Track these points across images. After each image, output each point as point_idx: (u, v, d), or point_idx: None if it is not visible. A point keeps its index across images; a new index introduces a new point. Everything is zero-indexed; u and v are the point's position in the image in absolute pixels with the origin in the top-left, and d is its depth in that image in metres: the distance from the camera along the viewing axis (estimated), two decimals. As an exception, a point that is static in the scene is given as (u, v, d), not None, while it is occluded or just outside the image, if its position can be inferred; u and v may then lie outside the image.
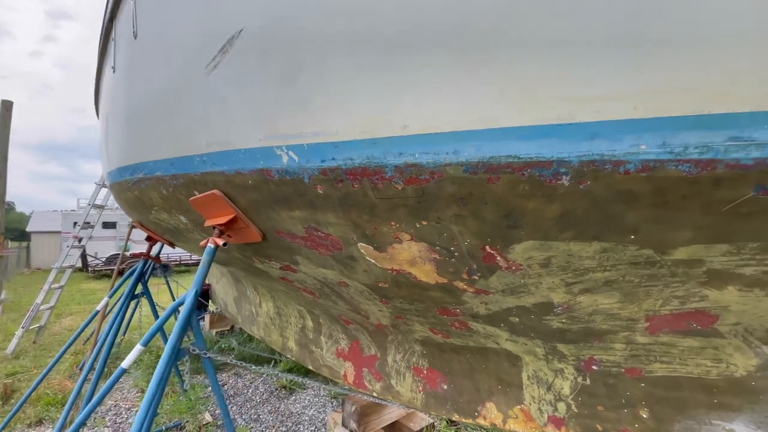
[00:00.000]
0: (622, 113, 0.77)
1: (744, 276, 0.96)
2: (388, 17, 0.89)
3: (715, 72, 0.71)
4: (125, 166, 2.14)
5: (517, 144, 0.89)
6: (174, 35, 1.50)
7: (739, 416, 1.26)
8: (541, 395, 1.70)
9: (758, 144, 0.73)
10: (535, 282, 1.25)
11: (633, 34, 0.74)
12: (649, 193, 0.86)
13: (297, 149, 1.18)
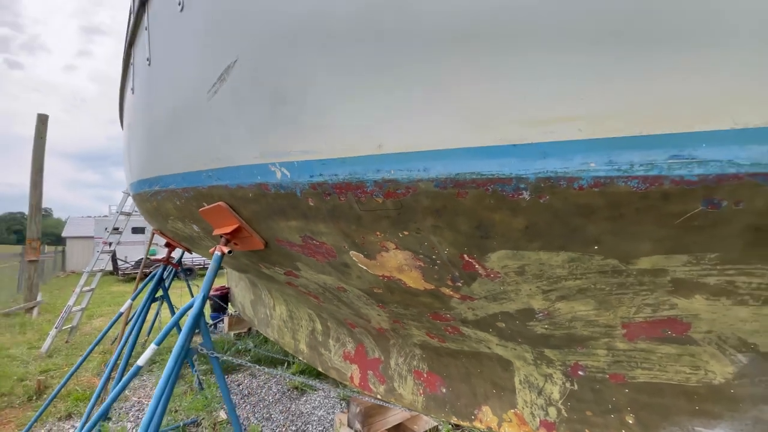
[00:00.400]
0: (569, 135, 0.84)
1: (708, 285, 1.00)
2: (364, 51, 0.99)
3: (651, 97, 0.77)
4: (144, 179, 2.32)
5: (480, 162, 0.96)
6: (180, 64, 1.65)
7: (720, 423, 1.27)
8: (533, 400, 1.74)
9: (700, 161, 0.78)
10: (514, 289, 1.30)
11: (574, 63, 0.80)
12: (605, 207, 0.91)
13: (288, 166, 1.29)
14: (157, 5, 1.85)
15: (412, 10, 0.89)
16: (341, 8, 0.98)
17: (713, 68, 0.72)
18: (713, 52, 0.72)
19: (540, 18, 0.79)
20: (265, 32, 1.17)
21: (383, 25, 0.93)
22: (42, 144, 8.33)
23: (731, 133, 0.73)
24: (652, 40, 0.75)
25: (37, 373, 4.31)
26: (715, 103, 0.74)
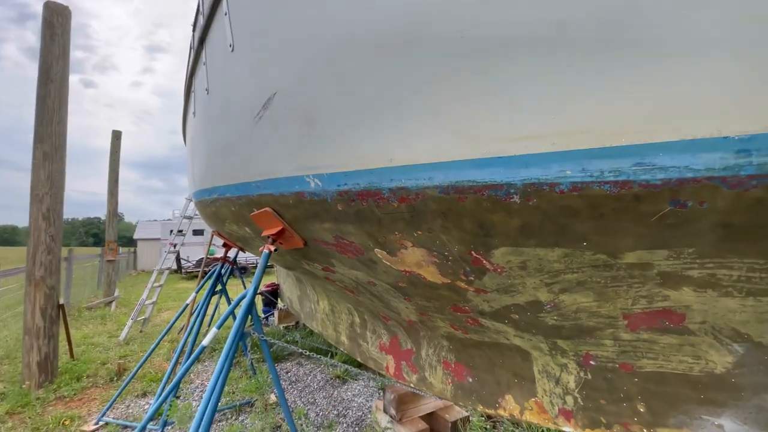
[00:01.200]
0: (544, 148, 0.98)
1: (693, 278, 1.09)
2: (373, 85, 1.19)
3: (614, 113, 0.90)
4: (205, 189, 2.69)
5: (475, 171, 1.13)
6: (232, 94, 1.95)
7: (725, 412, 1.32)
8: (551, 389, 1.84)
9: (660, 167, 0.89)
10: (520, 282, 1.44)
11: (544, 88, 0.95)
12: (586, 208, 1.04)
13: (320, 177, 1.52)
14: (213, 45, 2.19)
15: (411, 56, 1.09)
16: (354, 54, 1.19)
17: (665, 88, 0.84)
18: (664, 74, 0.84)
19: (514, 54, 0.95)
20: (295, 72, 1.41)
21: (386, 67, 1.13)
22: (117, 157, 9.40)
23: (683, 143, 0.85)
24: (611, 67, 0.88)
25: (117, 358, 4.96)
26: (668, 118, 0.85)
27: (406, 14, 1.08)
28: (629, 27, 0.84)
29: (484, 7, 0.97)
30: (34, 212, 4.07)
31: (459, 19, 1.01)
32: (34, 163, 4.09)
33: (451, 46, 1.07)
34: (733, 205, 0.87)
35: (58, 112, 4.21)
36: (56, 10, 4.26)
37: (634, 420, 1.57)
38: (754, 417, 1.28)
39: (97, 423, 3.25)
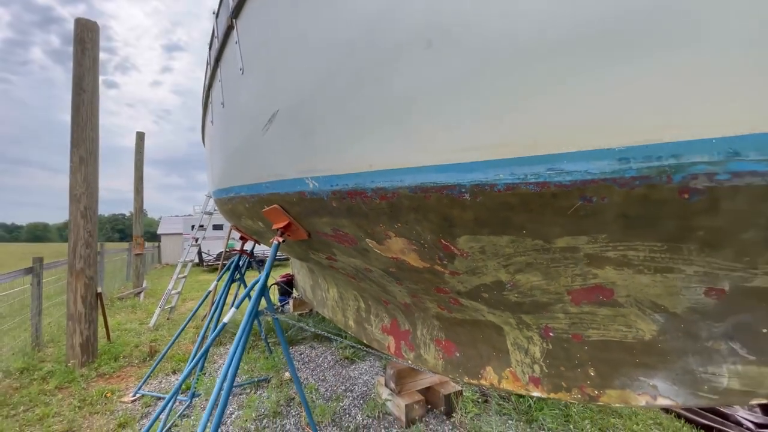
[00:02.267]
0: (483, 157, 1.25)
1: (611, 258, 1.34)
2: (354, 106, 1.48)
3: (529, 130, 1.16)
4: (223, 188, 3.04)
5: (435, 175, 1.40)
6: (244, 109, 2.26)
7: (657, 373, 1.57)
8: (521, 359, 2.12)
9: (568, 172, 1.15)
10: (483, 265, 1.71)
11: (477, 111, 1.22)
12: (519, 203, 1.30)
13: (317, 179, 1.82)
14: (226, 66, 2.51)
15: (381, 87, 1.37)
16: (337, 83, 1.48)
17: (564, 112, 1.10)
18: (562, 101, 1.10)
19: (457, 91, 1.23)
20: (293, 94, 1.71)
21: (363, 94, 1.42)
22: (141, 157, 9.94)
23: (581, 153, 1.10)
24: (525, 97, 1.14)
25: (148, 342, 5.44)
26: (569, 135, 1.11)
27: (374, 57, 1.37)
28: (534, 71, 1.11)
29: (430, 58, 1.25)
30: (73, 210, 4.53)
31: (412, 65, 1.29)
32: (72, 166, 4.54)
33: (410, 86, 1.35)
34: (626, 199, 1.13)
35: (90, 119, 4.63)
36: (86, 26, 4.66)
37: (588, 383, 1.83)
38: (681, 378, 1.52)
39: (134, 395, 3.69)
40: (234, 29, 2.18)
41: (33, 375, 4.09)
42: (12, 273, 4.86)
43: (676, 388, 1.53)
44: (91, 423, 3.17)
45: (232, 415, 3.22)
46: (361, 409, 3.26)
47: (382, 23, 1.31)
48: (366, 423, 3.07)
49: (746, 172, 0.93)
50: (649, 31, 0.94)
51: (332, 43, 1.50)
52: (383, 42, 1.33)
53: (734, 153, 0.92)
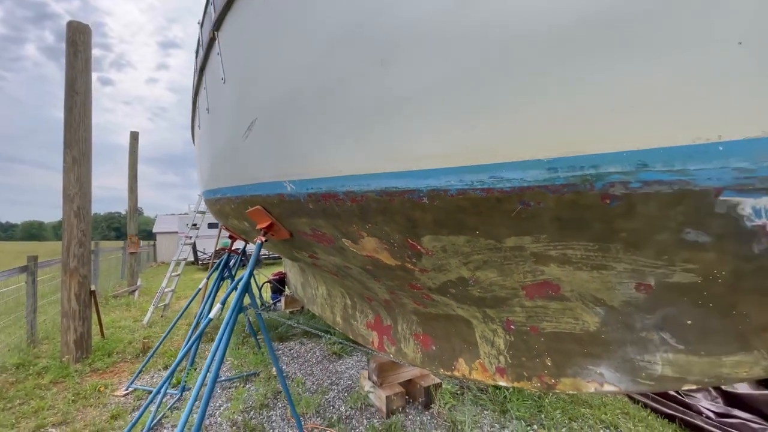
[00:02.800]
0: (434, 165, 1.39)
1: (553, 257, 1.48)
2: (326, 117, 1.61)
3: (474, 142, 1.29)
4: (211, 189, 3.16)
5: (396, 181, 1.54)
6: (226, 116, 2.39)
7: (602, 362, 1.71)
8: (489, 351, 2.26)
9: (507, 179, 1.29)
10: (446, 262, 1.85)
11: (429, 127, 1.35)
12: (470, 207, 1.44)
13: (294, 183, 1.95)
14: (210, 74, 2.63)
15: (345, 105, 1.51)
16: (305, 99, 1.62)
17: (500, 129, 1.23)
18: (497, 120, 1.23)
19: (410, 111, 1.36)
20: (267, 106, 1.83)
21: (327, 109, 1.55)
22: (135, 157, 10.02)
23: (516, 163, 1.24)
24: (467, 115, 1.28)
25: (141, 338, 5.55)
26: (505, 147, 1.25)
27: (335, 76, 1.50)
28: (474, 93, 1.24)
29: (386, 78, 1.38)
30: (67, 210, 4.63)
31: (369, 84, 1.43)
32: (65, 166, 4.64)
33: (369, 103, 1.48)
34: (558, 204, 1.26)
35: (83, 120, 4.73)
36: (78, 28, 4.76)
37: (545, 372, 1.97)
38: (622, 366, 1.67)
39: (126, 389, 3.81)
40: (216, 41, 2.30)
41: (28, 370, 4.20)
42: (7, 271, 4.96)
43: (618, 375, 1.68)
44: (85, 415, 3.29)
45: (220, 408, 3.35)
46: (345, 401, 3.40)
47: (343, 46, 1.44)
48: (349, 414, 3.21)
49: (654, 181, 1.07)
50: (565, 61, 1.08)
51: (300, 62, 1.63)
52: (343, 63, 1.46)
53: (643, 164, 1.06)
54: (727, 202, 1.02)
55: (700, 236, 1.13)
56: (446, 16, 1.17)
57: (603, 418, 2.99)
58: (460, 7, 1.16)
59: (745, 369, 1.37)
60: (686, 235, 1.15)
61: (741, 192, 1.00)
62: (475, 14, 1.13)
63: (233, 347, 4.84)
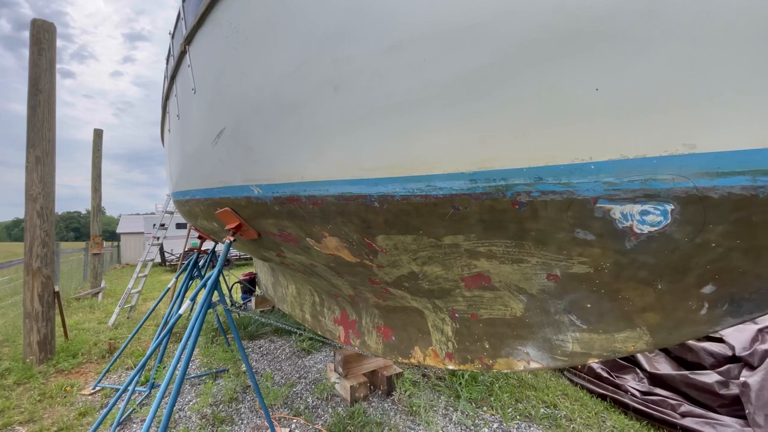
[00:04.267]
0: (381, 174, 1.62)
1: (482, 252, 1.75)
2: (286, 128, 1.82)
3: (410, 155, 1.54)
4: (180, 191, 3.27)
5: (351, 187, 1.77)
6: (197, 123, 2.54)
7: (528, 343, 2.00)
8: (439, 338, 2.52)
9: (439, 188, 1.54)
10: (398, 258, 2.09)
11: (374, 142, 1.59)
12: (413, 210, 1.69)
13: (260, 186, 2.14)
14: (181, 83, 2.76)
15: (301, 121, 1.72)
16: (267, 111, 1.82)
17: (429, 146, 1.48)
18: (426, 138, 1.48)
19: (355, 127, 1.60)
20: (234, 117, 2.02)
21: (286, 124, 1.76)
22: (99, 155, 9.75)
23: (445, 175, 1.49)
24: (401, 131, 1.52)
25: (107, 340, 5.51)
26: (435, 161, 1.50)
27: (293, 97, 1.71)
28: (407, 118, 1.49)
29: (336, 101, 1.61)
30: (30, 210, 4.57)
31: (323, 105, 1.65)
32: (28, 166, 4.58)
33: (322, 121, 1.70)
34: (480, 209, 1.53)
35: (47, 119, 4.68)
36: (43, 26, 4.70)
37: (485, 354, 2.25)
38: (543, 345, 1.96)
39: (94, 388, 3.84)
40: (187, 54, 2.45)
41: (-11, 373, 4.14)
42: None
43: (541, 353, 1.97)
44: (52, 413, 3.32)
45: (189, 402, 3.46)
46: (312, 393, 3.59)
47: (302, 73, 1.66)
48: (315, 404, 3.41)
49: (549, 191, 1.35)
50: (478, 97, 1.33)
51: (264, 82, 1.83)
52: (302, 87, 1.68)
53: (539, 178, 1.34)
54: (603, 208, 1.31)
55: (587, 235, 1.42)
56: (380, 57, 1.41)
57: (545, 399, 3.34)
58: (389, 51, 1.40)
59: (632, 343, 1.68)
60: (577, 234, 1.43)
61: (611, 200, 1.29)
62: (401, 58, 1.38)
63: (203, 346, 4.92)
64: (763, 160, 1.05)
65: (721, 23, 0.97)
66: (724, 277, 1.32)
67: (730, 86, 1.04)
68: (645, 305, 1.55)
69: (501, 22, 1.19)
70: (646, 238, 1.32)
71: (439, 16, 1.27)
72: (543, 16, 1.13)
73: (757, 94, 1.01)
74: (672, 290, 1.46)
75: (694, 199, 1.17)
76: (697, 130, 1.10)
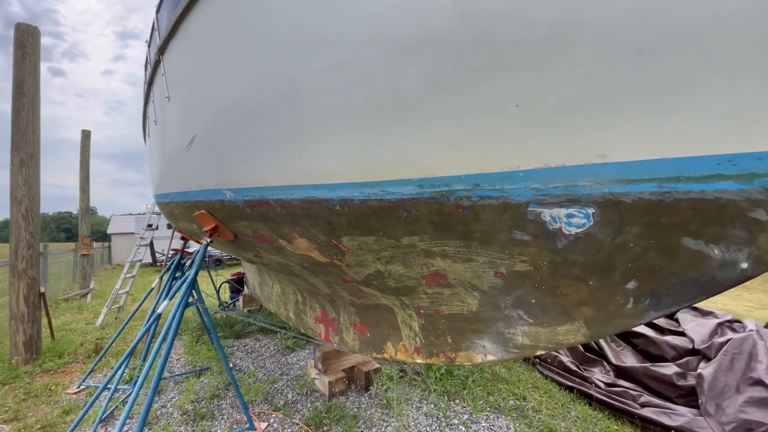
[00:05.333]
0: (341, 180, 1.74)
1: (436, 252, 1.87)
2: (249, 138, 1.93)
3: (366, 162, 1.66)
4: (161, 193, 3.37)
5: (314, 191, 1.88)
6: (171, 129, 2.64)
7: (484, 336, 2.13)
8: (408, 333, 2.64)
9: (392, 193, 1.66)
10: (363, 258, 2.21)
11: (336, 154, 1.70)
12: (371, 213, 1.80)
13: (232, 190, 2.25)
14: (157, 90, 2.86)
15: (263, 130, 1.83)
16: (231, 120, 1.93)
17: (382, 155, 1.60)
18: (379, 149, 1.60)
19: (315, 135, 1.71)
20: (203, 125, 2.13)
21: (251, 132, 1.87)
22: (87, 156, 9.75)
23: (396, 181, 1.61)
24: (356, 143, 1.64)
25: (95, 339, 5.57)
26: (386, 169, 1.62)
27: (255, 107, 1.82)
28: (360, 128, 1.60)
29: (293, 112, 1.71)
30: (15, 212, 4.62)
31: (280, 115, 1.76)
32: (12, 169, 4.63)
33: (282, 131, 1.81)
34: (429, 212, 1.65)
35: (32, 122, 4.73)
36: (27, 30, 4.75)
37: (447, 348, 2.37)
38: (497, 338, 2.09)
39: (78, 387, 3.92)
40: (161, 63, 2.55)
41: (-26, 373, 4.19)
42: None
43: (496, 346, 2.10)
44: (36, 412, 3.40)
45: (173, 399, 3.56)
46: (293, 389, 3.70)
47: (260, 85, 1.77)
48: (295, 399, 3.52)
49: (486, 196, 1.47)
50: (429, 115, 1.44)
51: (229, 92, 1.94)
52: (261, 98, 1.79)
53: (476, 184, 1.46)
54: (534, 212, 1.44)
55: (524, 236, 1.54)
56: (327, 73, 1.53)
57: (516, 392, 3.48)
58: (334, 67, 1.51)
59: (572, 336, 1.81)
60: (515, 235, 1.56)
61: (541, 204, 1.41)
62: (345, 74, 1.49)
63: (189, 345, 5.00)
64: (666, 169, 1.18)
65: (617, 54, 1.10)
66: (644, 275, 1.45)
67: (633, 104, 1.17)
68: (580, 300, 1.68)
69: (430, 46, 1.31)
70: (574, 238, 1.45)
71: (377, 36, 1.38)
72: (465, 42, 1.25)
73: (655, 112, 1.14)
74: (602, 286, 1.59)
75: (610, 204, 1.30)
76: (607, 142, 1.23)
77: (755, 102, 1.00)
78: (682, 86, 1.05)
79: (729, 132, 1.08)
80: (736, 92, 1.00)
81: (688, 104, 1.08)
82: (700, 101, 1.05)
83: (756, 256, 1.16)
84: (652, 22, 1.02)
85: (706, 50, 0.99)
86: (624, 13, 1.05)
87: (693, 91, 1.04)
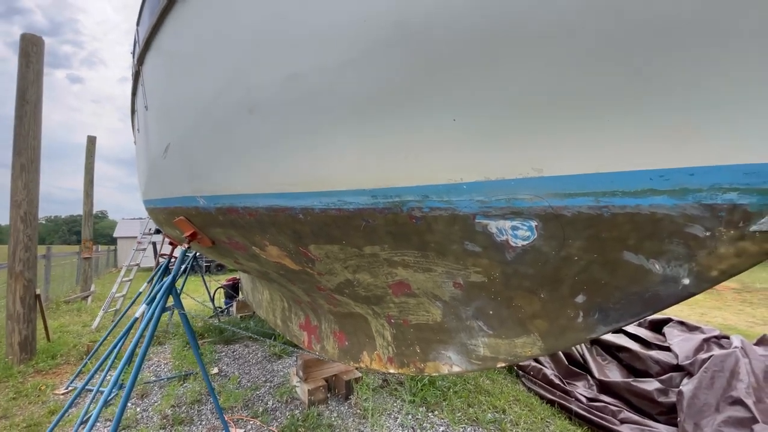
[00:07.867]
0: (301, 189, 1.77)
1: (398, 262, 1.89)
2: (218, 148, 1.98)
3: (320, 175, 1.69)
4: (148, 200, 3.45)
5: (277, 200, 1.91)
6: (150, 137, 2.72)
7: (449, 346, 2.13)
8: (381, 343, 2.65)
9: (349, 203, 1.69)
10: (332, 266, 2.23)
11: (293, 166, 1.74)
12: (331, 222, 1.83)
13: (204, 198, 2.30)
14: (139, 99, 2.95)
15: (228, 140, 1.88)
16: (201, 131, 1.98)
17: (338, 165, 1.63)
18: (336, 159, 1.63)
19: (273, 145, 1.75)
20: (176, 135, 2.19)
21: (216, 142, 1.93)
22: (92, 161, 9.97)
23: (352, 191, 1.64)
24: (314, 155, 1.68)
25: (88, 341, 5.64)
26: (342, 179, 1.65)
27: (218, 119, 1.87)
28: (313, 140, 1.64)
29: (253, 123, 1.76)
30: (14, 215, 4.74)
31: (242, 126, 1.80)
32: (13, 173, 4.76)
33: (244, 141, 1.85)
34: (385, 222, 1.67)
35: (33, 129, 4.88)
36: (31, 40, 4.92)
37: (417, 358, 2.37)
38: (460, 349, 2.08)
39: (66, 388, 3.97)
40: (141, 73, 2.63)
41: (-31, 372, 4.27)
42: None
43: (460, 357, 2.10)
44: (24, 411, 3.45)
45: (155, 404, 3.59)
46: (274, 396, 3.71)
47: (224, 95, 1.82)
48: (275, 406, 3.53)
49: (435, 207, 1.50)
50: (381, 128, 1.47)
51: (197, 103, 2.00)
52: (225, 108, 1.84)
53: (425, 195, 1.49)
54: (481, 223, 1.45)
55: (475, 247, 1.56)
56: (282, 86, 1.57)
57: (497, 404, 3.44)
58: (288, 80, 1.56)
59: (529, 348, 1.80)
60: (467, 246, 1.58)
61: (486, 217, 1.43)
62: (299, 87, 1.53)
63: (177, 349, 5.04)
64: (601, 183, 1.19)
65: (548, 68, 1.11)
66: (591, 289, 1.45)
67: (567, 118, 1.18)
68: (534, 313, 1.68)
69: (370, 61, 1.34)
70: (522, 250, 1.46)
71: (325, 51, 1.43)
72: (399, 56, 1.28)
73: (589, 126, 1.15)
74: (552, 299, 1.60)
75: (551, 217, 1.31)
76: (543, 156, 1.25)
77: (686, 117, 1.01)
78: (614, 100, 1.06)
79: (661, 147, 1.09)
80: (667, 107, 1.01)
81: (621, 119, 1.09)
82: (633, 115, 1.06)
83: (697, 272, 1.15)
84: (579, 35, 1.02)
85: (629, 63, 1.00)
86: (550, 26, 1.05)
87: (625, 105, 1.05)
